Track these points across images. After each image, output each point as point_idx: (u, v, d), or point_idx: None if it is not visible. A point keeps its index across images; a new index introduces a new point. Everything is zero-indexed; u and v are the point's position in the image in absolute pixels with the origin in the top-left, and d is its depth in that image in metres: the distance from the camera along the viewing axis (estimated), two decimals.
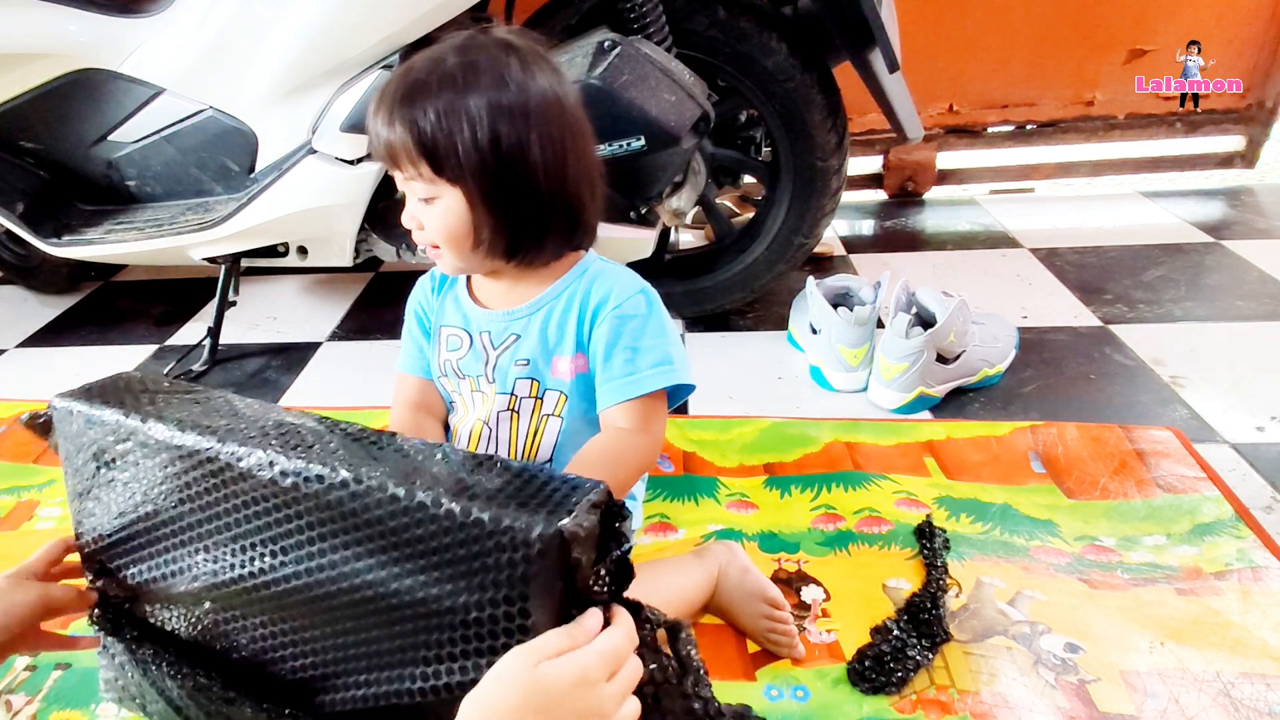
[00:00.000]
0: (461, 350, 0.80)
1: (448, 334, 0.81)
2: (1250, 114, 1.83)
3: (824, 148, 1.25)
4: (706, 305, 1.43)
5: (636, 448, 0.73)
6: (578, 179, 0.71)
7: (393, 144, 0.67)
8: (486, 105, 0.65)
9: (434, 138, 0.65)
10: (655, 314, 0.75)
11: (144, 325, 1.63)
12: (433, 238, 0.71)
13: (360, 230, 1.28)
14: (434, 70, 0.66)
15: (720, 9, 1.17)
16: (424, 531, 0.45)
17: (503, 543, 0.43)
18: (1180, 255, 1.56)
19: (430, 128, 0.65)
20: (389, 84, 0.68)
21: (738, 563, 0.83)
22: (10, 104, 1.29)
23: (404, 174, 0.69)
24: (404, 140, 0.66)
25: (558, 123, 0.68)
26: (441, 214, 0.69)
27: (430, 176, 0.67)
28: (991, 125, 1.90)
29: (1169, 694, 0.71)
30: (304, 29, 1.13)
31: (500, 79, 0.66)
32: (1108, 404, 1.14)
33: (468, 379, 0.80)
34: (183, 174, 1.33)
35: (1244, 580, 0.82)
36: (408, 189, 0.70)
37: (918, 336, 1.10)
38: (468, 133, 0.65)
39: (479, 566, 0.44)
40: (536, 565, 0.42)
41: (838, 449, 1.07)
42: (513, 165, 0.67)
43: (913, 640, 0.76)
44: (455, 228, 0.69)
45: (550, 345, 0.76)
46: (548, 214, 0.70)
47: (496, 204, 0.68)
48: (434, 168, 0.66)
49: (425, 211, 0.70)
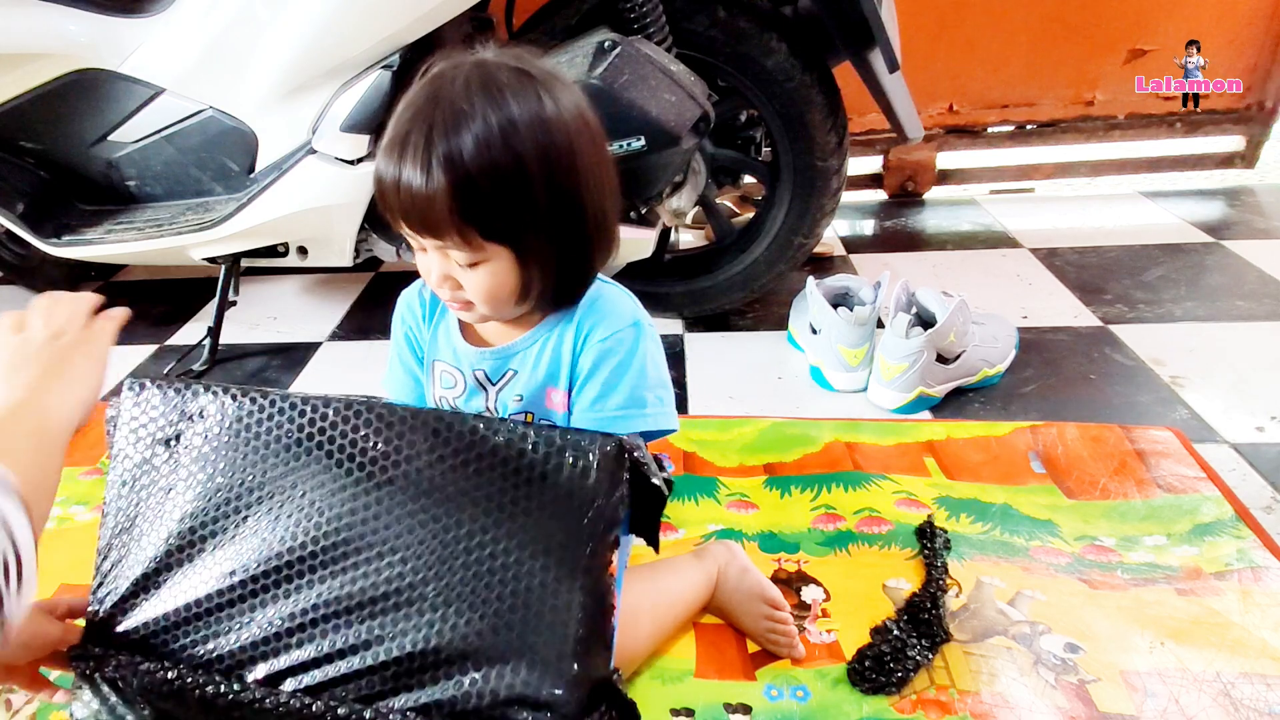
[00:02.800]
0: (457, 389, 0.76)
1: (441, 370, 0.78)
2: (1250, 114, 1.83)
3: (824, 148, 1.25)
4: (706, 305, 1.43)
5: None
6: (613, 201, 0.67)
7: (429, 214, 0.59)
8: (536, 154, 0.59)
9: (484, 204, 0.59)
10: (640, 351, 0.70)
11: (144, 325, 1.63)
12: (472, 297, 0.65)
13: (360, 230, 1.28)
14: (467, 121, 0.58)
15: (720, 9, 1.17)
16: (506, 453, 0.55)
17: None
18: (1180, 255, 1.56)
19: (479, 195, 0.58)
20: (409, 130, 0.59)
21: (737, 563, 0.83)
22: (10, 104, 1.29)
23: (441, 241, 0.61)
24: (448, 211, 0.59)
25: (593, 147, 0.64)
26: (488, 276, 0.63)
27: (479, 244, 0.61)
28: (991, 125, 1.90)
29: (1169, 694, 0.71)
30: (304, 29, 1.13)
31: (540, 120, 0.60)
32: (1108, 404, 1.14)
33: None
34: (183, 174, 1.33)
35: (1244, 580, 0.82)
36: (441, 254, 0.63)
37: (918, 336, 1.10)
38: (521, 191, 0.59)
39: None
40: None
41: (838, 449, 1.07)
42: (568, 211, 0.62)
43: (913, 640, 0.76)
44: (504, 286, 0.64)
45: (544, 378, 0.73)
46: (595, 249, 0.67)
47: (550, 255, 0.64)
48: (485, 232, 0.60)
49: (464, 275, 0.64)
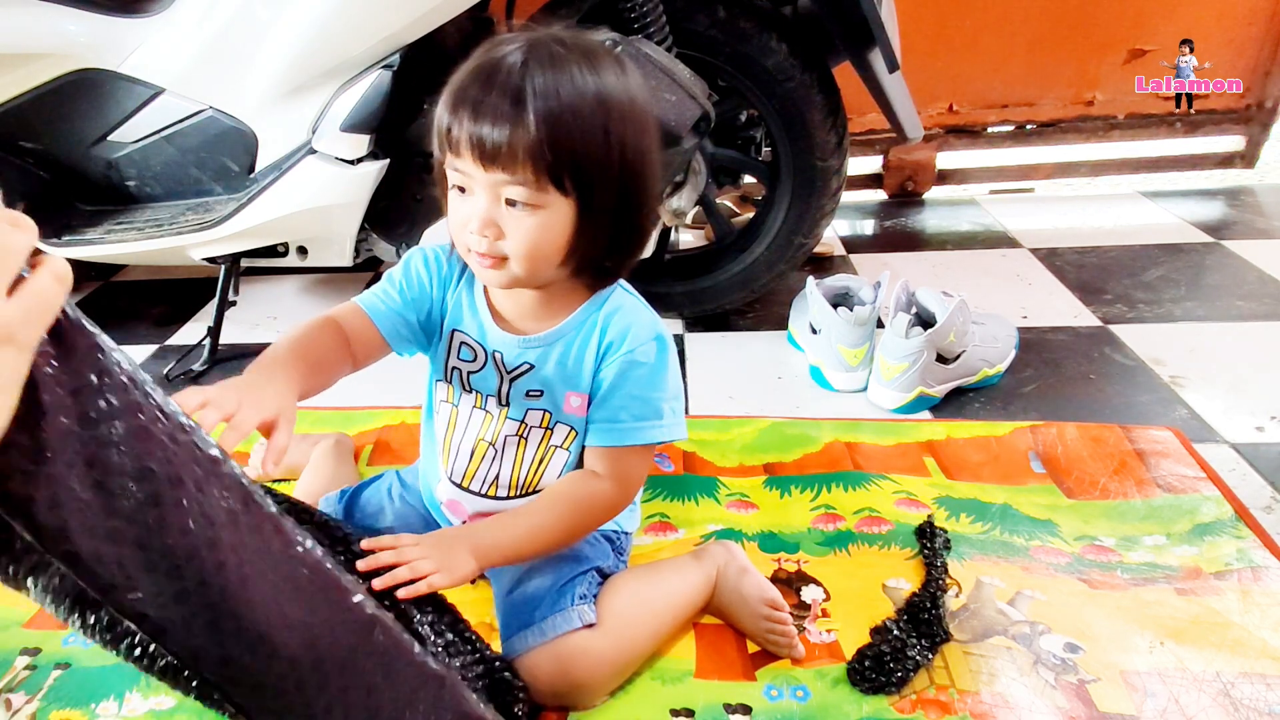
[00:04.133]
0: (476, 364, 0.76)
1: (460, 340, 0.77)
2: (1250, 114, 1.83)
3: (824, 148, 1.25)
4: (706, 305, 1.43)
5: (602, 498, 0.73)
6: (656, 199, 0.70)
7: (513, 144, 0.59)
8: (619, 118, 0.61)
9: (570, 145, 0.60)
10: (662, 363, 0.72)
11: (144, 325, 1.63)
12: (511, 248, 0.64)
13: (360, 230, 1.28)
14: (564, 72, 0.60)
15: (720, 9, 1.17)
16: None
17: None
18: (1180, 255, 1.56)
19: (573, 134, 0.59)
20: (494, 77, 0.60)
21: (736, 563, 0.83)
22: (10, 104, 1.29)
23: (507, 175, 0.61)
24: (538, 143, 0.59)
25: (654, 136, 0.67)
26: (540, 225, 0.63)
27: (545, 184, 0.61)
28: (991, 125, 1.90)
29: (1169, 694, 0.71)
30: (304, 29, 1.13)
31: (626, 91, 0.63)
32: (1108, 404, 1.14)
33: (475, 394, 0.77)
34: (183, 174, 1.33)
35: (1244, 580, 0.82)
36: (493, 191, 0.62)
37: (918, 336, 1.10)
38: (601, 145, 0.61)
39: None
40: None
41: (838, 449, 1.07)
42: (636, 179, 0.64)
43: (913, 640, 0.76)
44: (552, 241, 0.64)
45: (565, 380, 0.74)
46: (643, 233, 0.68)
47: (613, 218, 0.64)
48: (554, 176, 0.60)
49: (512, 218, 0.63)
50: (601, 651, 0.72)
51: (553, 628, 0.72)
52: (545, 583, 0.75)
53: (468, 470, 0.79)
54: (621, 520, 0.85)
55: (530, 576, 0.77)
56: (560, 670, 0.71)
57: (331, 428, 1.14)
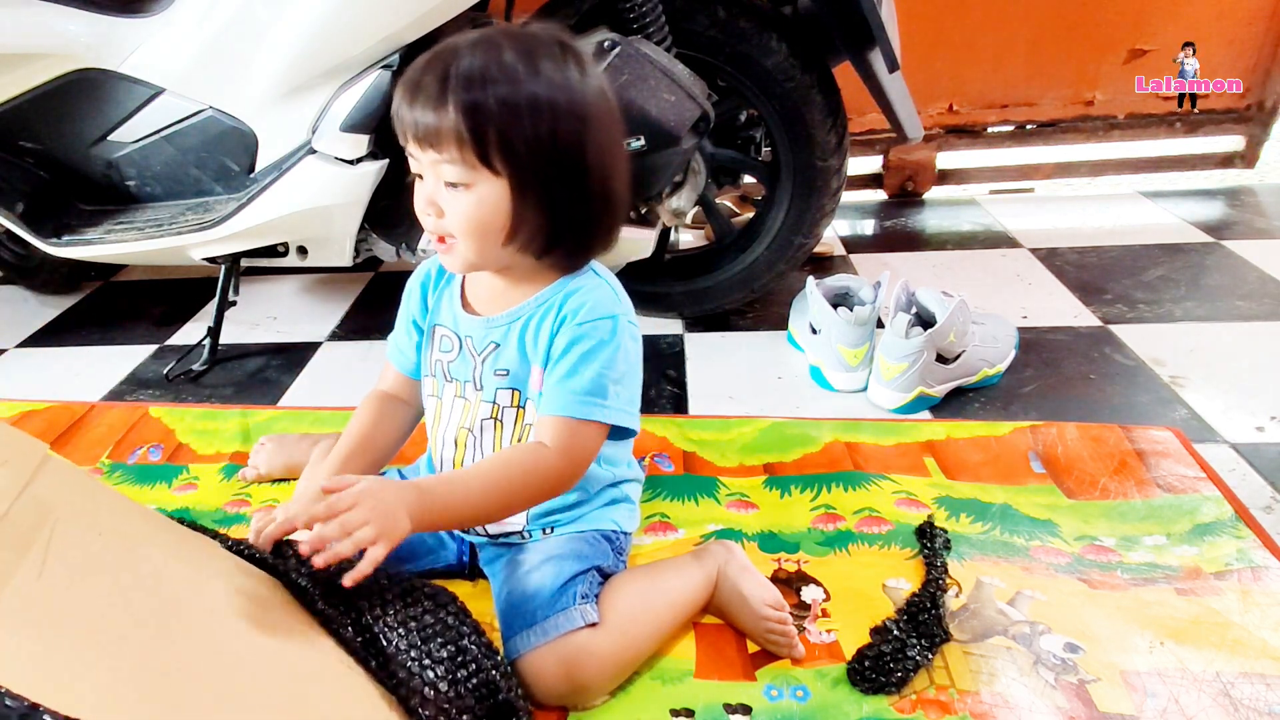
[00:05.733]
0: (452, 353, 0.79)
1: (441, 334, 0.80)
2: (1250, 114, 1.83)
3: (824, 148, 1.25)
4: (706, 305, 1.43)
5: (547, 469, 0.72)
6: (621, 185, 0.71)
7: (437, 126, 0.64)
8: (547, 100, 0.64)
9: (491, 124, 0.63)
10: (615, 343, 0.73)
11: (144, 325, 1.63)
12: (452, 227, 0.68)
13: (360, 230, 1.28)
14: (493, 58, 0.64)
15: (720, 9, 1.17)
16: None
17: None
18: (1180, 255, 1.56)
19: (489, 114, 0.63)
20: (430, 65, 0.65)
21: (736, 563, 0.83)
22: (10, 104, 1.29)
23: (438, 155, 0.65)
24: (457, 123, 0.63)
25: (607, 127, 0.68)
26: (474, 203, 0.67)
27: (473, 163, 0.65)
28: (991, 125, 1.90)
29: (1169, 694, 0.71)
30: (304, 29, 1.13)
31: (562, 75, 0.65)
32: (1108, 404, 1.14)
33: (454, 383, 0.79)
34: (183, 174, 1.33)
35: (1244, 580, 0.82)
36: (433, 172, 0.67)
37: (917, 336, 1.10)
38: (528, 124, 0.64)
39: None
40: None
41: (838, 449, 1.07)
42: (569, 163, 0.66)
43: (912, 640, 0.76)
44: (488, 219, 0.67)
45: (528, 356, 0.75)
46: (595, 216, 0.70)
47: (546, 200, 0.67)
48: (480, 154, 0.64)
49: (450, 198, 0.67)
50: (604, 651, 0.72)
51: (555, 627, 0.72)
52: (545, 582, 0.75)
53: (454, 460, 0.81)
54: (621, 520, 0.85)
55: (529, 575, 0.77)
56: (563, 670, 0.71)
57: (331, 428, 1.15)
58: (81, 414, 1.28)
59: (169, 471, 1.13)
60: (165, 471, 1.13)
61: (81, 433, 1.24)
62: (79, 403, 1.33)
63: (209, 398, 1.35)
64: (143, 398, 1.36)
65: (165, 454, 1.17)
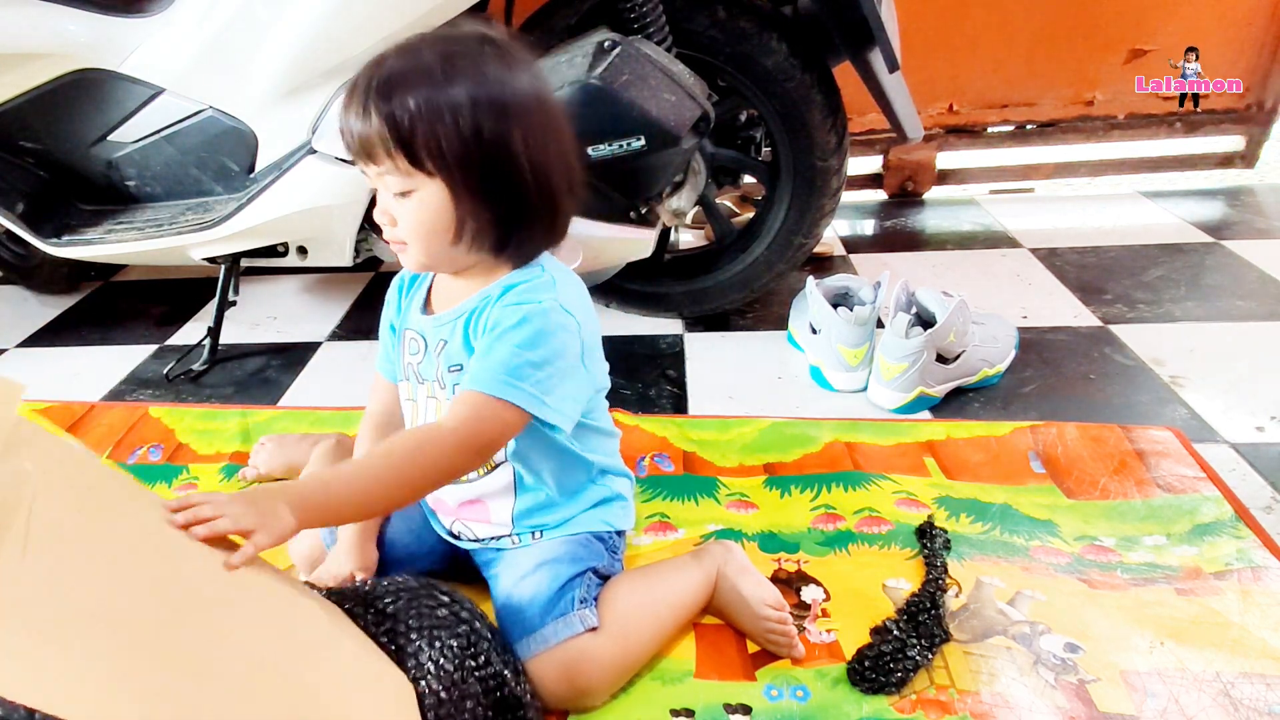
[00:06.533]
0: (419, 355, 0.79)
1: (409, 337, 0.80)
2: (1250, 114, 1.83)
3: (824, 148, 1.25)
4: (706, 305, 1.43)
5: (438, 449, 0.67)
6: (559, 177, 0.70)
7: (368, 136, 0.65)
8: (467, 97, 0.64)
9: (413, 128, 0.64)
10: (537, 329, 0.69)
11: (144, 325, 1.63)
12: (404, 234, 0.69)
13: (360, 230, 1.28)
14: (411, 62, 0.65)
15: (720, 9, 1.17)
16: None
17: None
18: (1180, 255, 1.56)
19: (409, 118, 0.63)
20: (361, 76, 0.66)
21: (736, 563, 0.83)
22: (10, 104, 1.29)
23: (378, 167, 0.67)
24: (380, 131, 0.64)
25: (539, 118, 0.68)
26: (417, 207, 0.67)
27: (407, 169, 0.65)
28: (991, 125, 1.90)
29: (1169, 694, 0.71)
30: (304, 29, 1.13)
31: (480, 72, 0.65)
32: (1107, 404, 1.14)
33: (426, 383, 0.79)
34: (183, 174, 1.33)
35: (1244, 580, 0.82)
36: (380, 184, 0.69)
37: (917, 336, 1.10)
38: (449, 122, 0.64)
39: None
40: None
41: (838, 449, 1.07)
42: (496, 156, 0.66)
43: (912, 640, 0.76)
44: (432, 221, 0.68)
45: (474, 349, 0.73)
46: (534, 208, 0.69)
47: (484, 195, 0.67)
48: (411, 159, 0.65)
49: (399, 206, 0.68)
50: (605, 655, 0.72)
51: (555, 633, 0.72)
52: (541, 587, 0.75)
53: None
54: (613, 519, 0.84)
55: (525, 581, 0.76)
56: (565, 676, 0.71)
57: (331, 428, 1.15)
58: (81, 414, 1.28)
59: (169, 471, 1.13)
60: (165, 471, 1.13)
61: (81, 433, 1.24)
62: (79, 403, 1.33)
63: (209, 398, 1.35)
64: (143, 398, 1.36)
65: (165, 454, 1.17)
